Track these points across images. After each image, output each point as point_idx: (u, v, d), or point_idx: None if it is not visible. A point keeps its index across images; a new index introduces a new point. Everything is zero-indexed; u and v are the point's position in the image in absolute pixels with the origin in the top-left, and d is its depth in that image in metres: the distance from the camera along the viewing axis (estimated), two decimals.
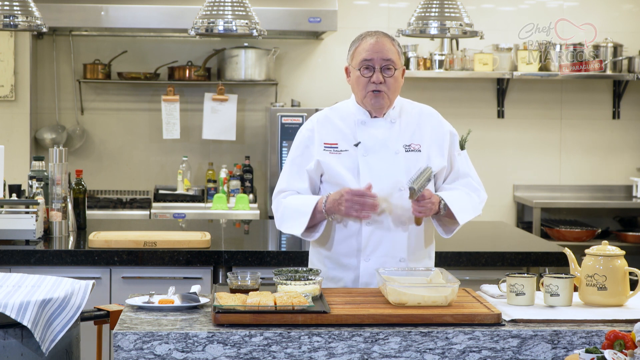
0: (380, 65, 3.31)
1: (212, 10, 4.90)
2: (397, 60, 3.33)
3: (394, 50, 3.33)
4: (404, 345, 2.70)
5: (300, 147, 3.44)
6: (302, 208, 3.33)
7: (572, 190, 7.31)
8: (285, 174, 3.46)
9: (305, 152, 3.42)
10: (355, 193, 3.22)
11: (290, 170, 3.45)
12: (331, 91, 7.06)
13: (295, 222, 3.35)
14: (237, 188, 6.82)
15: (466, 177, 3.44)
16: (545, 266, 4.34)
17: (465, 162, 3.46)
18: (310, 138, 3.42)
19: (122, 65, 7.01)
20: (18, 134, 6.68)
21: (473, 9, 6.65)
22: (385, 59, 3.31)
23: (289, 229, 3.38)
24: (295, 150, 3.45)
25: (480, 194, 3.45)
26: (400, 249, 3.35)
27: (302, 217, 3.32)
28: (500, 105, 7.26)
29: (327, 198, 3.30)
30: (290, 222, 3.38)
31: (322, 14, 6.46)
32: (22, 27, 4.81)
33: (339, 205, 3.25)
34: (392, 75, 3.32)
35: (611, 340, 2.48)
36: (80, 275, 3.94)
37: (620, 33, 7.25)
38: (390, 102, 3.37)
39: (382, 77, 3.31)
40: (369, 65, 3.31)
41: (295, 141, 3.48)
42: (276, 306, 2.74)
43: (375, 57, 3.30)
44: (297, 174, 3.42)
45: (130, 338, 2.65)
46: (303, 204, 3.34)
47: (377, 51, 3.31)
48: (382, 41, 3.33)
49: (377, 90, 3.32)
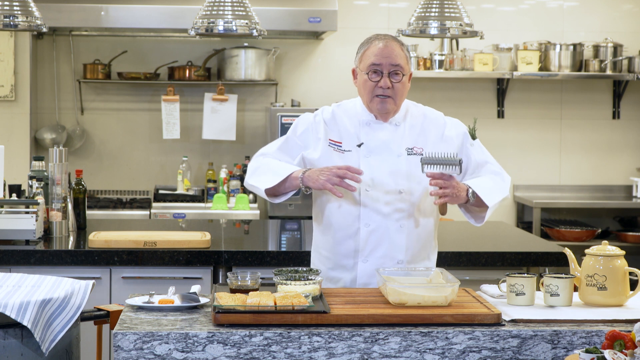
0: (389, 70, 3.29)
1: (212, 10, 4.90)
2: (405, 65, 3.32)
3: (402, 55, 3.32)
4: (404, 345, 2.70)
5: (301, 129, 3.44)
6: (279, 170, 3.33)
7: (572, 190, 7.31)
8: (275, 143, 3.46)
9: (304, 134, 3.42)
10: (341, 167, 3.21)
11: (282, 143, 3.45)
12: (331, 91, 7.06)
13: (264, 178, 3.33)
14: (237, 188, 6.82)
15: (485, 164, 3.43)
16: (545, 266, 4.34)
17: (480, 150, 3.46)
18: (314, 125, 3.41)
19: (122, 65, 7.01)
20: (18, 134, 6.68)
21: (473, 9, 6.65)
22: (394, 64, 3.29)
23: (255, 182, 3.36)
24: (294, 129, 3.45)
25: (503, 177, 3.43)
26: (398, 251, 3.35)
27: (274, 177, 3.30)
28: (500, 105, 7.27)
29: (309, 169, 3.29)
30: (260, 177, 3.36)
31: (322, 14, 6.46)
32: (22, 27, 4.81)
33: (319, 175, 3.21)
34: (400, 80, 3.31)
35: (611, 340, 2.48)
36: (80, 275, 3.94)
37: (620, 33, 7.25)
38: (396, 107, 3.36)
39: (389, 83, 3.29)
40: (377, 70, 3.30)
41: (297, 121, 3.47)
42: (276, 306, 2.74)
43: (383, 62, 3.29)
44: (286, 150, 3.43)
45: (130, 338, 2.65)
46: (281, 168, 3.34)
47: (386, 56, 3.29)
48: (392, 46, 3.31)
49: (384, 95, 3.31)
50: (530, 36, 7.17)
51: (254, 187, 3.39)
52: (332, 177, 3.18)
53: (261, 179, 3.36)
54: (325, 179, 3.19)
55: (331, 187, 3.18)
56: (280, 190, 3.34)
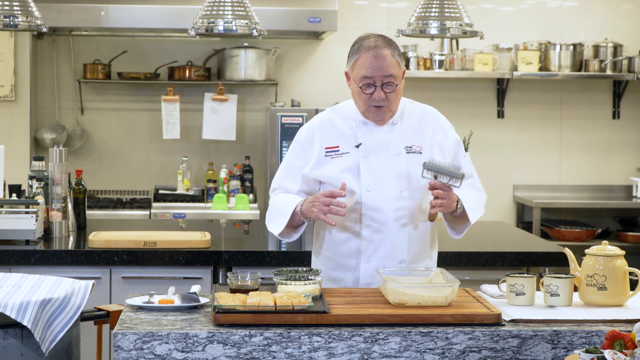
0: (382, 82, 3.25)
1: (212, 10, 4.90)
2: (398, 73, 3.27)
3: (394, 62, 3.25)
4: (404, 345, 2.70)
5: (297, 149, 3.44)
6: (283, 209, 3.34)
7: (572, 190, 7.31)
8: (279, 173, 3.47)
9: (301, 153, 3.41)
10: (326, 194, 3.21)
11: (284, 170, 3.45)
12: (331, 91, 7.06)
13: (276, 222, 3.36)
14: (237, 188, 6.82)
15: (471, 177, 3.43)
16: (545, 266, 4.34)
17: (469, 163, 3.45)
18: (308, 141, 3.41)
19: (122, 65, 7.01)
20: (18, 134, 6.68)
21: (473, 9, 6.65)
22: (387, 75, 3.24)
23: (271, 228, 3.40)
24: (291, 151, 3.45)
25: (482, 195, 3.46)
26: (400, 251, 3.34)
27: (281, 218, 3.33)
28: (500, 105, 7.26)
29: (305, 200, 3.29)
30: (272, 221, 3.39)
31: (322, 14, 6.46)
32: (22, 27, 4.81)
33: (312, 207, 3.23)
34: (394, 90, 3.27)
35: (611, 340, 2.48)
36: (80, 275, 3.94)
37: (620, 33, 7.25)
38: (392, 113, 3.35)
39: (383, 94, 3.26)
40: (369, 83, 3.26)
41: (293, 141, 3.47)
42: (276, 306, 2.74)
43: (375, 74, 3.24)
44: (290, 175, 3.42)
45: (130, 338, 2.65)
46: (285, 205, 3.34)
47: (377, 68, 3.23)
48: (382, 55, 3.24)
49: (378, 105, 3.29)
50: (530, 36, 7.17)
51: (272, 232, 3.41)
52: (322, 207, 3.20)
53: (273, 223, 3.39)
54: (317, 210, 3.21)
55: (324, 218, 3.20)
56: (295, 223, 3.36)
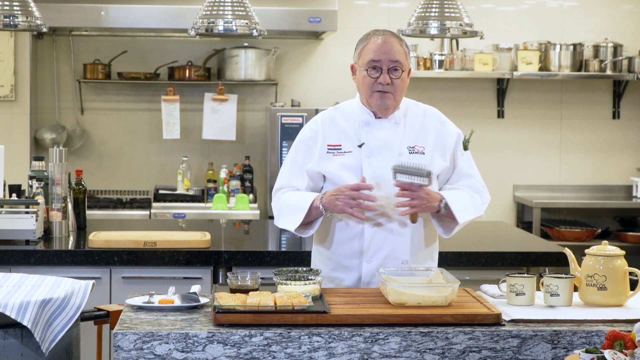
0: (388, 66, 3.28)
1: (212, 10, 4.90)
2: (404, 61, 3.31)
3: (402, 51, 3.31)
4: (404, 345, 2.70)
5: (302, 147, 3.43)
6: (298, 204, 3.33)
7: (572, 190, 7.31)
8: (284, 172, 3.46)
9: (306, 151, 3.41)
10: (353, 188, 3.21)
11: (290, 168, 3.44)
12: (331, 91, 7.06)
13: (290, 217, 3.34)
14: (237, 188, 6.82)
15: (469, 177, 3.42)
16: (545, 266, 4.34)
17: (468, 162, 3.44)
18: (312, 138, 3.41)
19: (122, 65, 7.01)
20: (18, 134, 6.68)
21: (473, 9, 6.65)
22: (393, 60, 3.28)
23: (285, 224, 3.37)
24: (295, 149, 3.45)
25: (483, 195, 3.43)
26: (402, 251, 3.34)
27: (297, 213, 3.32)
28: (500, 105, 7.26)
29: (325, 194, 3.29)
30: (286, 217, 3.37)
31: (322, 14, 6.46)
32: (22, 27, 4.81)
33: (335, 201, 3.23)
34: (399, 76, 3.30)
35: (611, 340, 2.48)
36: (80, 275, 3.94)
37: (620, 33, 7.25)
38: (396, 103, 3.35)
39: (389, 79, 3.28)
40: (376, 66, 3.29)
41: (297, 139, 3.47)
42: (276, 306, 2.74)
43: (382, 57, 3.28)
44: (297, 173, 3.42)
45: (130, 338, 2.65)
46: (300, 200, 3.33)
47: (385, 52, 3.28)
48: (390, 41, 3.30)
49: (383, 90, 3.30)
50: (530, 36, 7.17)
51: (285, 228, 3.40)
52: (348, 201, 3.20)
53: (288, 219, 3.36)
54: (342, 204, 3.20)
55: (352, 211, 3.20)
56: (310, 219, 3.35)
